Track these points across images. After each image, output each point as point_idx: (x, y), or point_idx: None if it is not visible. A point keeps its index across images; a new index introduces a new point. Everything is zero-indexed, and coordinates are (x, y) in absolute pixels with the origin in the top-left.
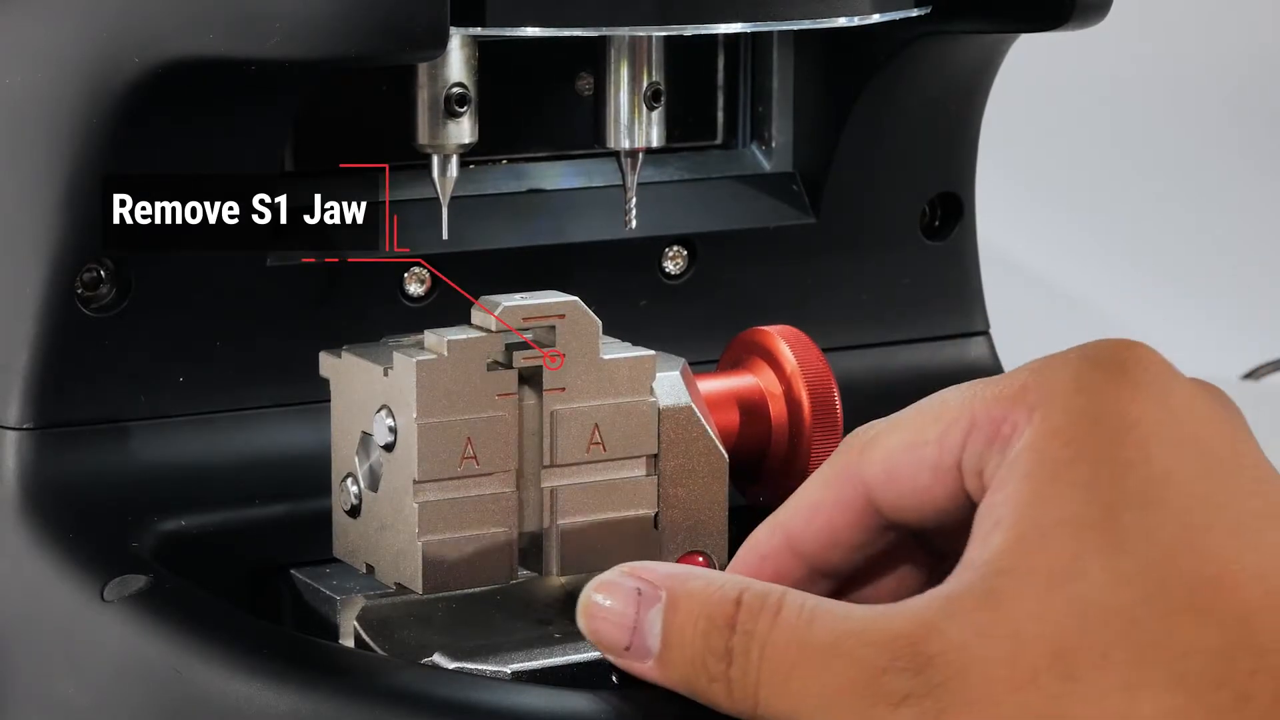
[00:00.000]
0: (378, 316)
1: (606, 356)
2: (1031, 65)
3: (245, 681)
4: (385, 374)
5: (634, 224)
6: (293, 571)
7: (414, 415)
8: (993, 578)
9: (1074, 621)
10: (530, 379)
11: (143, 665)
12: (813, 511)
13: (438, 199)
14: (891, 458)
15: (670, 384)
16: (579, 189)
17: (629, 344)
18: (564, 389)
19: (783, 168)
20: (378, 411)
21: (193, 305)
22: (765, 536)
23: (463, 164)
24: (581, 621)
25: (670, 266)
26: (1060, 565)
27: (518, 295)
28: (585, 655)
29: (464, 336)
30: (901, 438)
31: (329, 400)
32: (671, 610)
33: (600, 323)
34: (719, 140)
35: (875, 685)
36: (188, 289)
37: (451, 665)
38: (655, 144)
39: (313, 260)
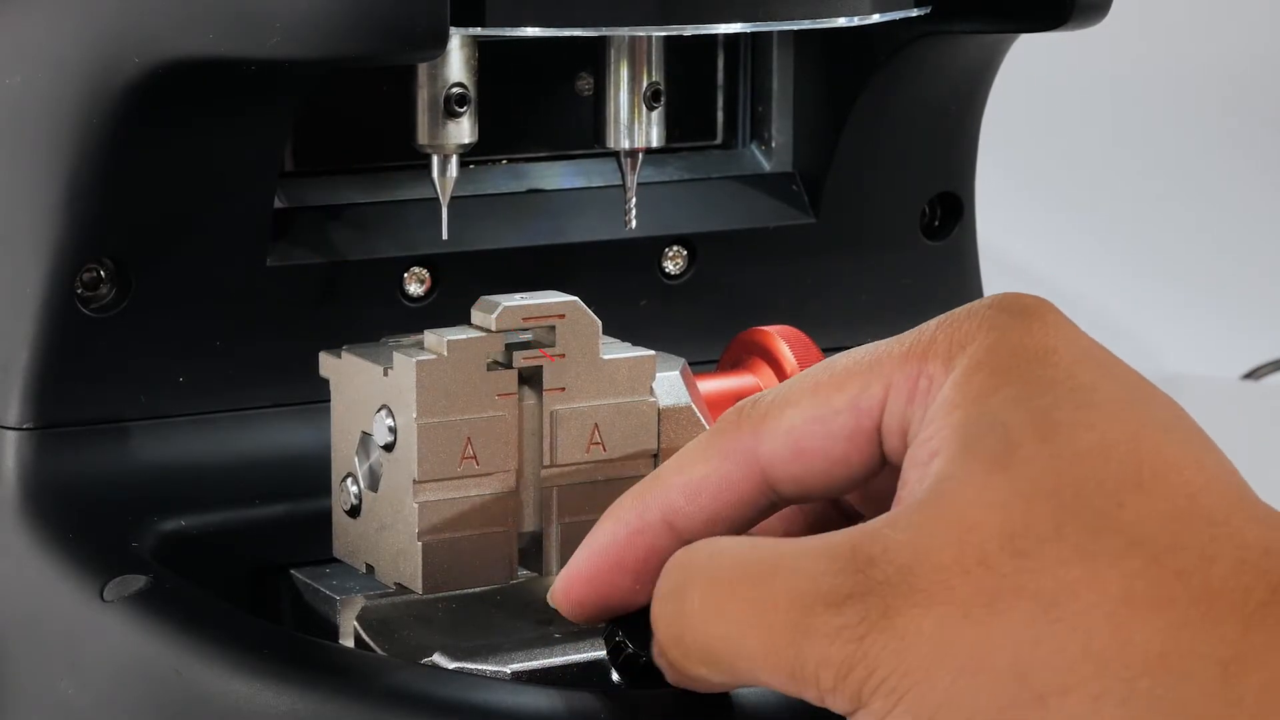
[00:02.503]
0: (378, 316)
1: (606, 356)
2: (1031, 65)
3: (245, 681)
4: (385, 374)
5: (634, 224)
6: (293, 571)
7: (414, 415)
8: (933, 485)
9: (1020, 502)
10: (530, 379)
11: (143, 665)
12: (696, 490)
13: (437, 199)
14: (796, 432)
15: (670, 384)
16: (579, 189)
17: (629, 344)
18: (564, 389)
19: (783, 168)
20: (377, 411)
21: (193, 305)
22: (637, 512)
23: (463, 164)
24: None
25: (670, 266)
26: (999, 457)
27: (518, 295)
28: (585, 655)
29: (464, 336)
30: (805, 411)
31: (329, 400)
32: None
33: (600, 323)
34: (719, 140)
35: (813, 591)
36: (188, 289)
37: (451, 665)
38: (655, 144)
39: (313, 260)
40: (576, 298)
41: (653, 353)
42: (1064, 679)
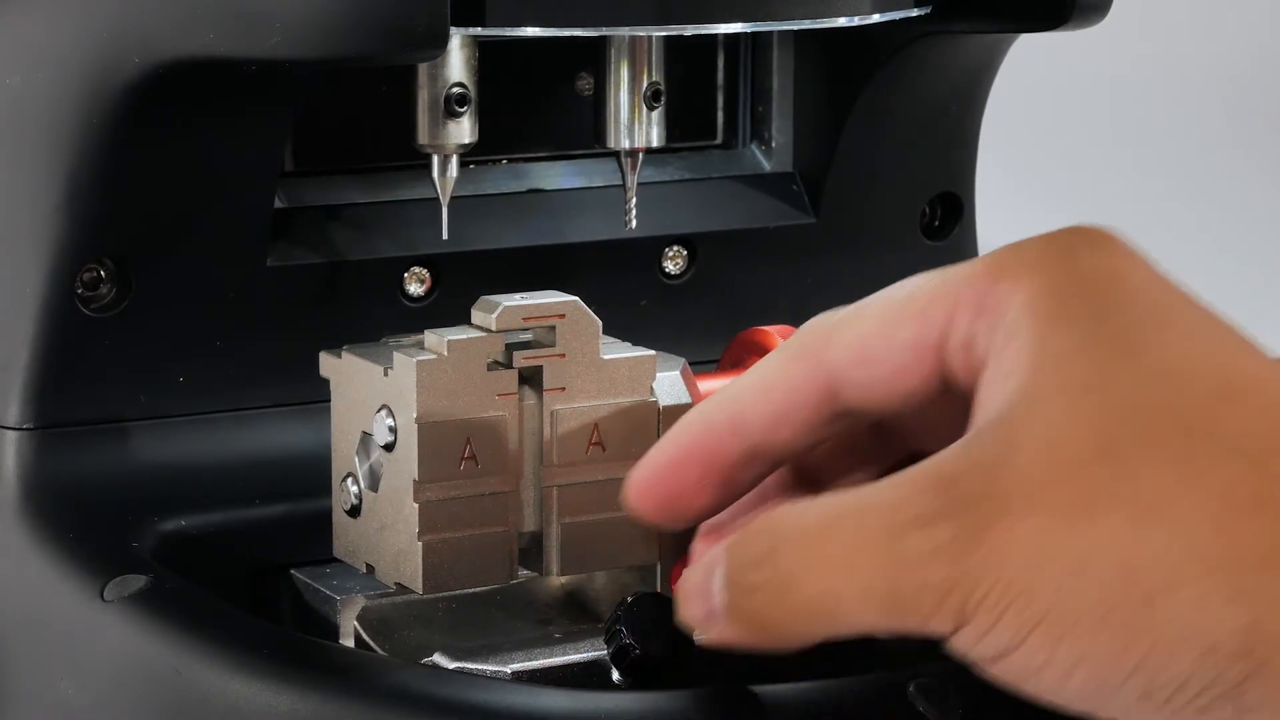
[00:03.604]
0: (378, 316)
1: (607, 356)
2: (1031, 65)
3: (245, 681)
4: (385, 374)
5: (634, 224)
6: (293, 571)
7: (414, 415)
8: (1014, 402)
9: (1108, 415)
10: (530, 379)
11: (143, 665)
12: (764, 391)
13: (438, 199)
14: (864, 341)
15: (670, 384)
16: (579, 189)
17: (629, 344)
18: (564, 389)
19: (783, 168)
20: (378, 411)
21: (193, 305)
22: (705, 413)
23: (463, 164)
24: (680, 611)
25: (670, 266)
26: (1084, 378)
27: (518, 295)
28: (585, 655)
29: (464, 336)
30: (873, 324)
31: (329, 400)
32: (728, 556)
33: (600, 323)
34: (719, 140)
35: (902, 519)
36: (188, 289)
37: (451, 665)
38: (655, 144)
39: (313, 260)
40: (577, 298)
41: (653, 353)
42: (1170, 578)
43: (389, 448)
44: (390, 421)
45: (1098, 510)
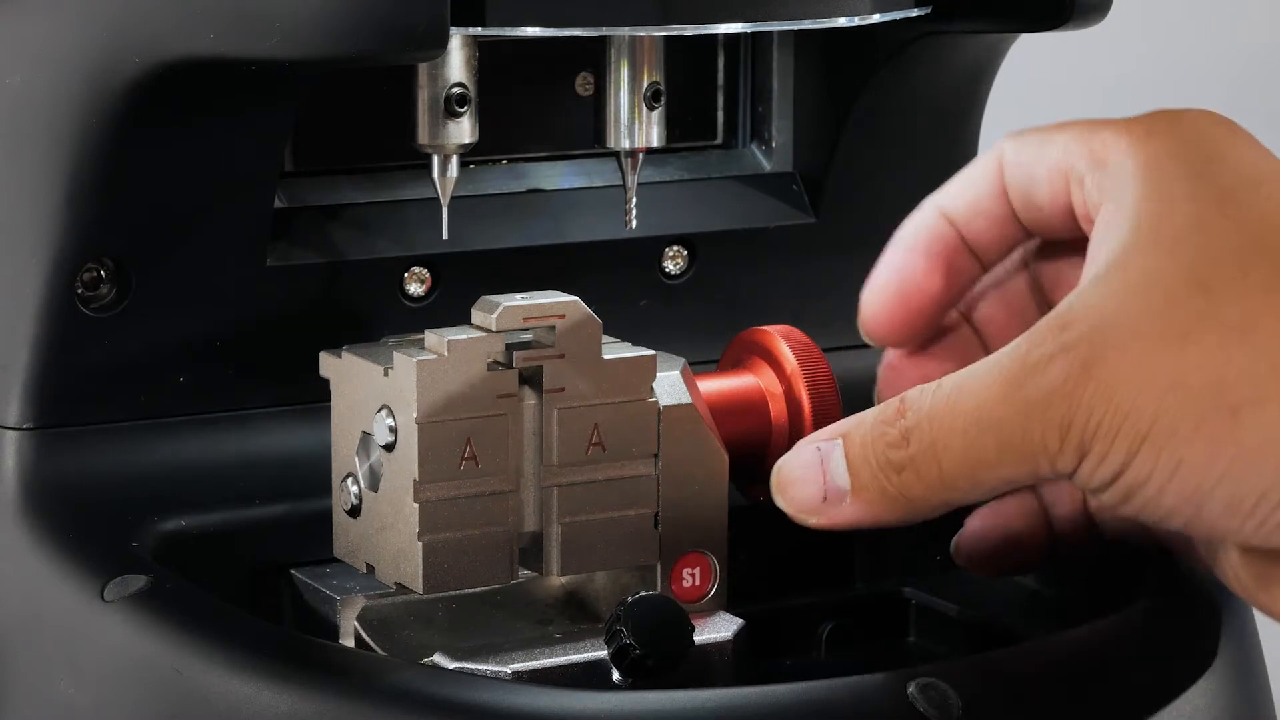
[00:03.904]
0: (378, 316)
1: (607, 356)
2: (1031, 65)
3: (245, 681)
4: (385, 374)
5: (634, 224)
6: (293, 571)
7: (414, 415)
8: (1118, 255)
9: (1204, 258)
10: (530, 379)
11: (143, 665)
12: (965, 181)
13: (438, 199)
14: (1027, 145)
15: (670, 384)
16: (579, 189)
17: (629, 344)
18: (564, 389)
19: (783, 168)
20: (378, 411)
21: (193, 305)
22: (925, 206)
23: (463, 164)
24: (777, 497)
25: (670, 266)
26: (1180, 228)
27: (518, 295)
28: (586, 655)
29: (464, 336)
30: (1040, 134)
31: (329, 400)
32: (849, 443)
33: (601, 322)
34: (719, 140)
35: (1021, 367)
36: (188, 289)
37: (452, 665)
38: (655, 144)
39: (313, 260)
40: (577, 298)
41: (653, 352)
42: (1256, 392)
43: (389, 448)
44: (390, 421)
45: (1190, 336)
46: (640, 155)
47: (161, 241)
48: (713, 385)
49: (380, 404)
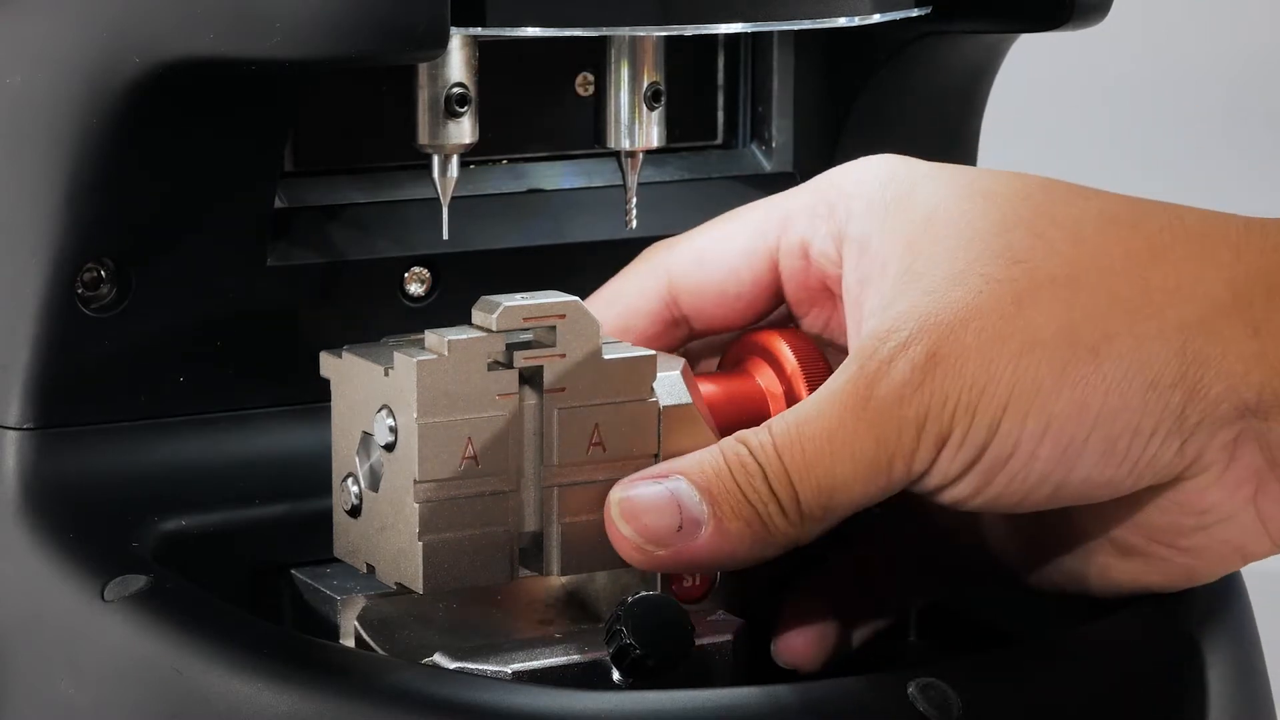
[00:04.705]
0: (378, 316)
1: (607, 357)
2: (1031, 65)
3: (246, 681)
4: (386, 374)
5: (634, 224)
6: (293, 571)
7: (414, 415)
8: (906, 262)
9: (991, 232)
10: (531, 379)
11: (143, 665)
12: (611, 301)
13: (438, 199)
14: (701, 249)
15: (670, 384)
16: (579, 189)
17: (628, 344)
18: (564, 389)
19: (783, 168)
20: (378, 411)
21: (193, 305)
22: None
23: (463, 164)
24: (621, 525)
25: None
26: (949, 218)
27: (518, 295)
28: (586, 655)
29: (464, 336)
30: (710, 236)
31: (329, 400)
32: (700, 478)
33: (601, 322)
34: (719, 140)
35: (860, 382)
36: (188, 289)
37: (452, 665)
38: (656, 144)
39: (313, 260)
40: (577, 298)
41: (654, 352)
42: (1106, 328)
43: (389, 448)
44: (390, 421)
45: (1023, 299)
46: (640, 155)
47: (161, 241)
48: (713, 386)
49: (381, 404)
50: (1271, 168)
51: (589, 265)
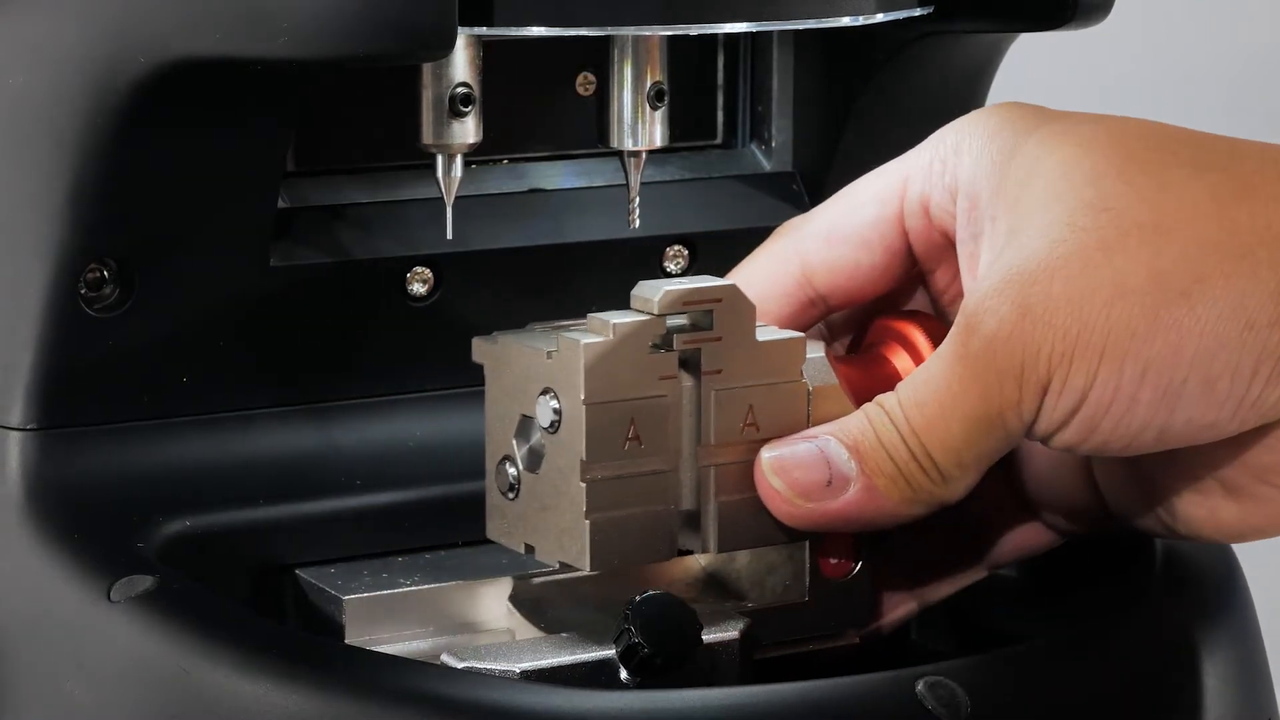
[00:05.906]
0: (381, 316)
1: (760, 339)
2: (1031, 65)
3: (252, 681)
4: (549, 356)
5: (637, 224)
6: (297, 571)
7: (581, 397)
8: (1004, 217)
9: (1083, 181)
10: (687, 361)
11: (150, 665)
12: (748, 281)
13: (441, 199)
14: (829, 221)
15: (817, 365)
16: (580, 189)
17: (775, 327)
18: (720, 371)
19: (783, 167)
20: (541, 394)
21: (196, 305)
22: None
23: (465, 164)
24: (772, 479)
25: (671, 266)
26: (1048, 168)
27: (676, 279)
28: (594, 655)
29: (628, 320)
30: (837, 208)
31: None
32: (847, 436)
33: (756, 306)
34: (719, 140)
35: (958, 337)
36: (191, 289)
37: (460, 665)
38: (659, 144)
39: (316, 260)
40: (734, 282)
41: (802, 335)
42: (1197, 271)
43: (553, 428)
44: (555, 404)
45: (1111, 247)
46: (644, 155)
47: (165, 241)
48: (850, 368)
49: (544, 386)
50: None
51: (590, 265)
